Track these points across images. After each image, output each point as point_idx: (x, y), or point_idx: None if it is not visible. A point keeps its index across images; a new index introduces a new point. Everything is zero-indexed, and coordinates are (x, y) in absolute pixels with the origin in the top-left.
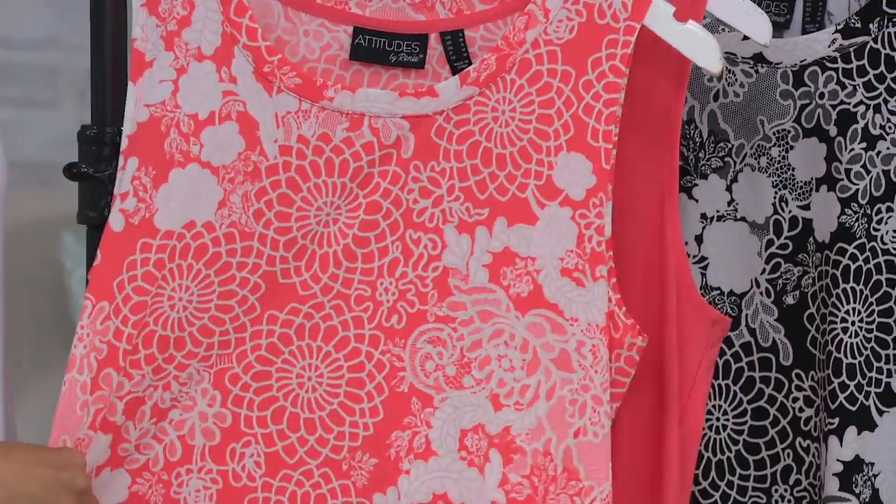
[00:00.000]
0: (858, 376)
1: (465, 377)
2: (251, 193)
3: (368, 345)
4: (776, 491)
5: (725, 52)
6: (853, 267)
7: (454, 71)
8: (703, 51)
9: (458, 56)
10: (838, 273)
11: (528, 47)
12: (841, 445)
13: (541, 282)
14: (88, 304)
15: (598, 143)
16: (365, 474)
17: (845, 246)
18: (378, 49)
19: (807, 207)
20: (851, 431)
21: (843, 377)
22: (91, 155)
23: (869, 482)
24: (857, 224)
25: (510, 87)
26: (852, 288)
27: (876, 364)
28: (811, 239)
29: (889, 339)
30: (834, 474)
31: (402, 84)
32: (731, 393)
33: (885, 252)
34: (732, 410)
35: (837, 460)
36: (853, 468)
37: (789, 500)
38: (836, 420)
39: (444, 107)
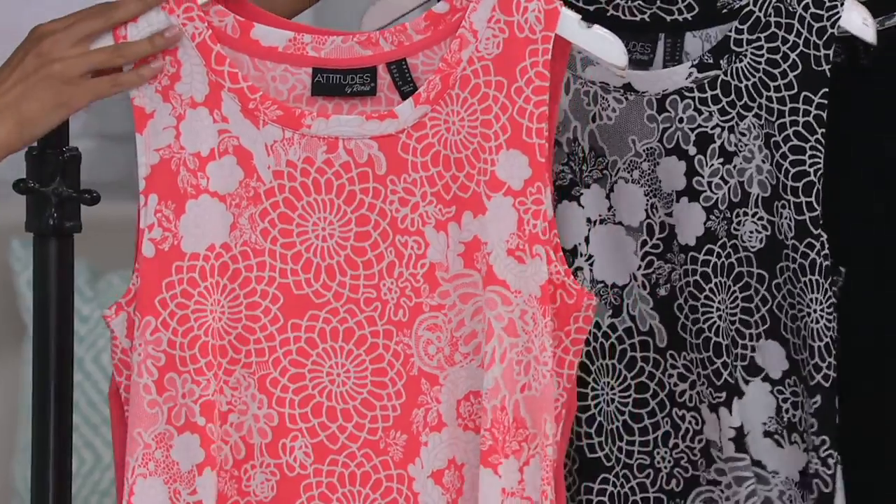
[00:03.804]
0: (728, 354)
1: (456, 354)
2: (255, 215)
3: (384, 339)
4: (658, 453)
5: (600, 82)
6: (720, 263)
7: (402, 94)
8: (610, 49)
9: (403, 81)
10: (709, 270)
11: (465, 65)
12: (731, 414)
13: (492, 262)
14: (136, 320)
15: (532, 140)
16: (400, 449)
17: (712, 247)
18: (335, 84)
19: (670, 215)
20: (737, 402)
21: (724, 357)
22: (37, 172)
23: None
24: (719, 227)
25: (456, 100)
26: (722, 281)
27: (741, 342)
28: (675, 242)
29: (751, 320)
30: (729, 439)
31: (362, 111)
32: (618, 371)
33: (745, 249)
34: (619, 386)
35: (730, 427)
36: (743, 432)
37: (669, 461)
38: (724, 394)
39: (405, 126)
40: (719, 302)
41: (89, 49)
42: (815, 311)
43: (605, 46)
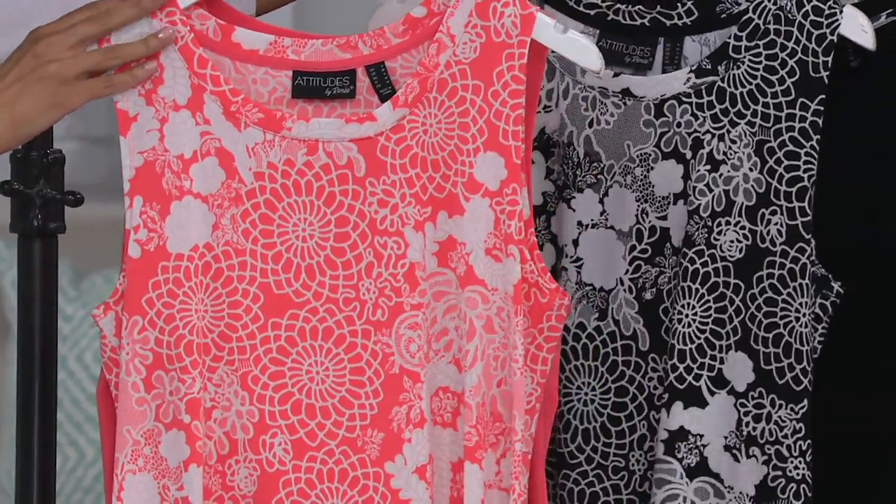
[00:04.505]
0: (688, 360)
1: (430, 351)
2: (237, 216)
3: (362, 338)
4: (633, 456)
5: (599, 87)
6: (691, 269)
7: (381, 97)
8: (585, 53)
9: (382, 84)
10: (680, 272)
11: (443, 69)
12: (668, 417)
13: (472, 262)
14: (124, 319)
15: (508, 142)
16: (377, 447)
17: (686, 251)
18: (315, 86)
19: (664, 218)
20: (678, 406)
21: (675, 360)
22: (21, 174)
23: (696, 450)
24: (697, 233)
25: (433, 103)
26: (689, 286)
27: (709, 352)
28: (668, 244)
29: (723, 331)
30: (661, 441)
31: (341, 113)
32: (599, 373)
33: (723, 259)
34: (600, 388)
35: (665, 429)
36: (677, 437)
37: (644, 464)
38: (667, 395)
39: (383, 128)
40: (682, 306)
41: (85, 51)
42: (804, 314)
43: (580, 50)
